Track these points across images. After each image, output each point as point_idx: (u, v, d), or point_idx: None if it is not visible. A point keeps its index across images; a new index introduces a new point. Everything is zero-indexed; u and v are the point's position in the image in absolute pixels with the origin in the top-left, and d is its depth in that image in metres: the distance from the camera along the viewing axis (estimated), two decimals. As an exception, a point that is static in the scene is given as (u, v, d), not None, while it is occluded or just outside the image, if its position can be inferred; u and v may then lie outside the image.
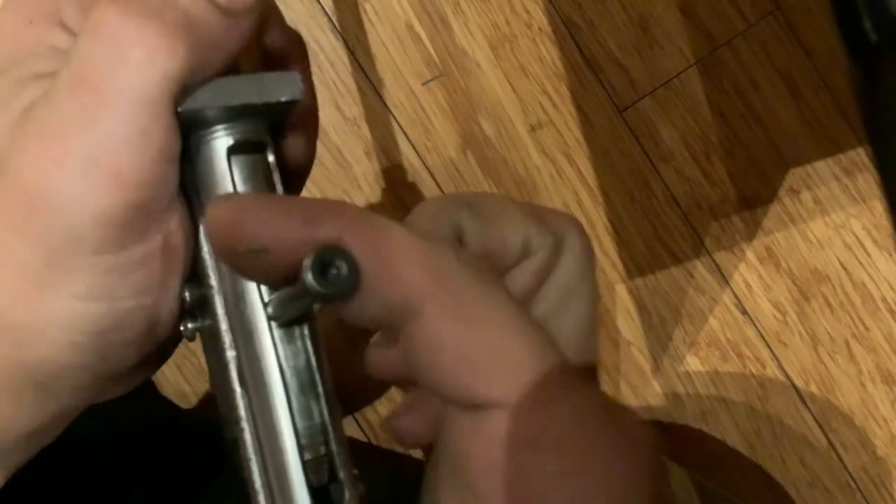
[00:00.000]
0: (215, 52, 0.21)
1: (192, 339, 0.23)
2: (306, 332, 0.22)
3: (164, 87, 0.20)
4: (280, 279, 0.20)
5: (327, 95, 0.91)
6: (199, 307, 0.22)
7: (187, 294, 0.22)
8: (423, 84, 0.92)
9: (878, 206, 0.96)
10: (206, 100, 0.21)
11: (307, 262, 0.18)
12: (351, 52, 0.91)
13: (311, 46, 0.90)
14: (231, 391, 0.21)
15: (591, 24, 0.94)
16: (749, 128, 0.96)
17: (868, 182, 0.96)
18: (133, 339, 0.22)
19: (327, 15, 0.91)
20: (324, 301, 0.19)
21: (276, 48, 0.24)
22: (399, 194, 0.92)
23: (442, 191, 0.92)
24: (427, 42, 0.92)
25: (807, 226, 0.96)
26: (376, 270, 0.19)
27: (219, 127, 0.22)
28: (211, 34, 0.21)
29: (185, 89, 0.21)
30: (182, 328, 0.22)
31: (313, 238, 0.19)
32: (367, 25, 0.92)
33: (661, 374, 0.94)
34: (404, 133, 0.92)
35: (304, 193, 0.27)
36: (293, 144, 0.24)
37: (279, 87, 0.22)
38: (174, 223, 0.21)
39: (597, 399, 0.21)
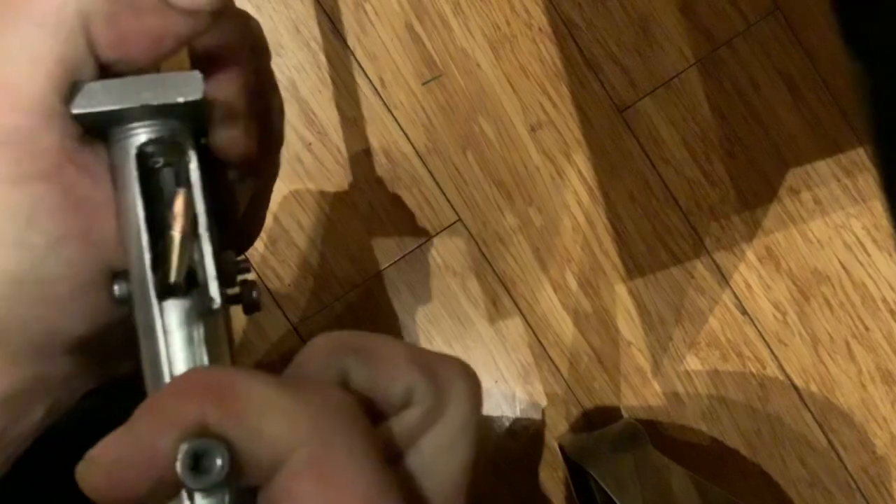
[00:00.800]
0: (141, 42, 0.21)
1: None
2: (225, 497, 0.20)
3: (72, 7, 0.20)
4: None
5: (327, 95, 0.91)
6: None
7: (116, 288, 0.22)
8: (423, 84, 0.92)
9: (878, 206, 0.96)
10: (100, 100, 0.21)
11: (177, 464, 0.17)
12: (351, 52, 0.91)
13: (311, 46, 0.90)
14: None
15: (591, 24, 0.94)
16: (749, 128, 0.96)
17: (868, 182, 0.96)
18: (65, 298, 0.21)
19: (327, 15, 0.91)
20: (205, 492, 0.18)
21: (210, 47, 0.23)
22: (399, 194, 0.92)
23: (442, 191, 0.92)
24: (427, 42, 0.92)
25: (807, 226, 0.96)
26: (242, 435, 0.18)
27: (130, 126, 0.22)
28: (141, 15, 0.21)
29: (81, 90, 0.21)
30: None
31: (181, 433, 0.17)
32: (367, 25, 0.92)
33: (661, 374, 0.94)
34: (404, 133, 0.92)
35: (305, 196, 0.27)
36: (222, 142, 0.24)
37: (179, 88, 0.21)
38: (76, 171, 0.21)
39: None
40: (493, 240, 0.92)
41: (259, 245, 0.89)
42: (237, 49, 0.24)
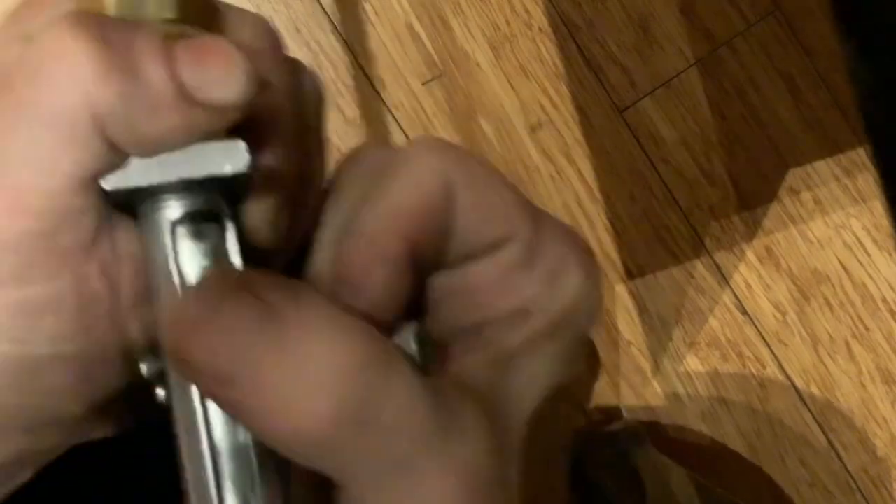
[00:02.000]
0: (164, 140, 0.19)
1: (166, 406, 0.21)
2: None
3: (83, 110, 0.19)
4: None
5: (327, 95, 0.91)
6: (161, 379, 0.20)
7: (144, 367, 0.20)
8: (423, 84, 0.92)
9: (878, 206, 0.96)
10: (133, 175, 0.19)
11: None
12: (351, 52, 0.91)
13: (311, 46, 0.90)
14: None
15: (591, 24, 0.94)
16: (749, 128, 0.96)
17: (868, 182, 0.96)
18: (63, 387, 0.20)
19: (327, 15, 0.91)
20: None
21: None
22: (399, 194, 0.92)
23: (442, 191, 0.92)
24: (427, 42, 0.92)
25: (807, 226, 0.96)
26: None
27: (163, 197, 0.20)
28: (161, 115, 0.19)
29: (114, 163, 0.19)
30: (155, 393, 0.21)
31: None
32: (367, 25, 0.92)
33: (661, 374, 0.94)
34: (404, 133, 0.92)
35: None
36: (255, 215, 0.22)
37: (220, 159, 0.20)
38: (92, 268, 0.20)
39: None
40: (493, 240, 0.92)
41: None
42: (283, 110, 0.22)
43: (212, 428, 0.19)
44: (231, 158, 0.20)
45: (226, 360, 0.17)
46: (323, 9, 0.91)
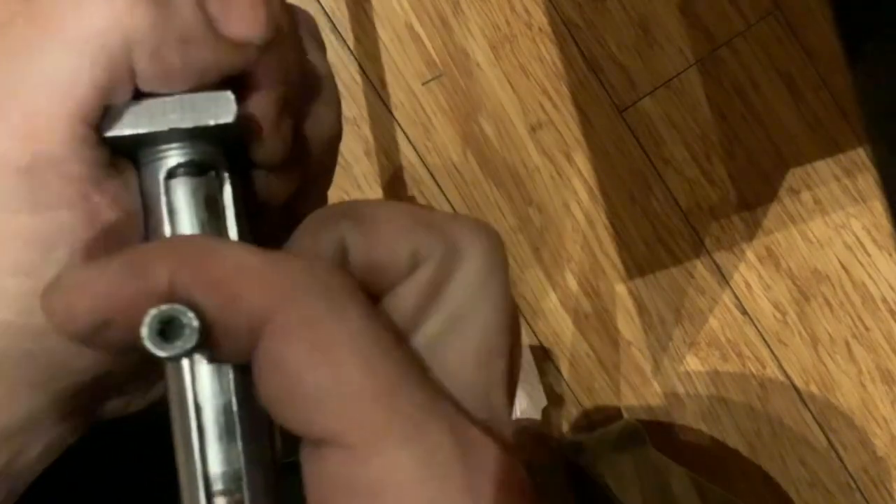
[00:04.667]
0: (185, 75, 0.20)
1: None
2: (230, 372, 0.20)
3: (115, 34, 0.19)
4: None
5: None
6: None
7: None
8: (423, 84, 0.92)
9: (878, 206, 0.96)
10: (128, 123, 0.20)
11: (143, 329, 0.17)
12: (351, 52, 0.91)
13: (311, 46, 0.91)
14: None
15: (591, 24, 0.94)
16: (749, 128, 0.96)
17: (868, 182, 0.96)
18: None
19: (327, 15, 0.91)
20: (172, 361, 0.18)
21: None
22: (399, 194, 0.92)
23: (442, 191, 0.92)
24: (427, 42, 0.92)
25: (807, 226, 0.96)
26: (216, 302, 0.17)
27: (158, 148, 0.21)
28: (189, 47, 0.19)
29: (108, 112, 0.20)
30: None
31: (148, 290, 0.17)
32: (367, 25, 0.92)
33: (661, 374, 0.94)
34: (404, 133, 0.92)
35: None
36: (258, 157, 0.22)
37: (210, 109, 0.20)
38: (102, 200, 0.20)
39: (454, 446, 0.18)
40: (493, 240, 0.92)
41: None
42: (276, 61, 0.22)
43: (197, 385, 0.19)
44: (219, 109, 0.20)
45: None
46: (323, 9, 0.91)
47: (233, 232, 0.21)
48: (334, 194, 0.91)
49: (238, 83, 0.21)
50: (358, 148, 0.91)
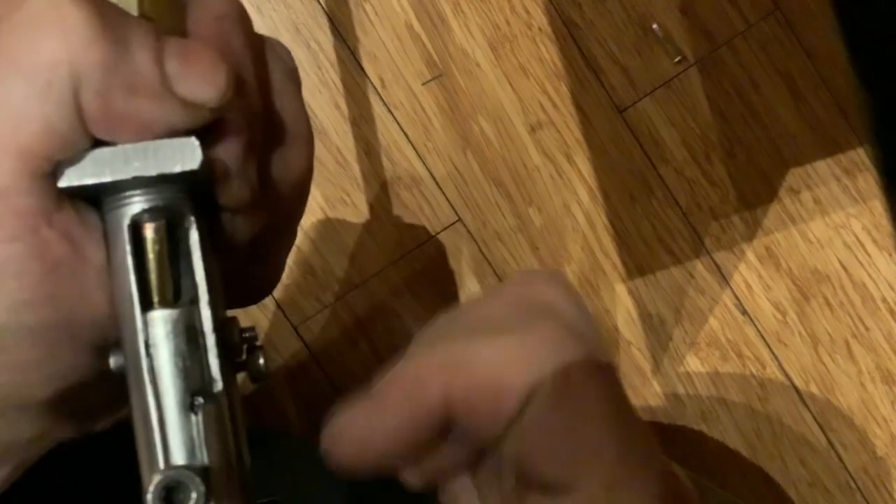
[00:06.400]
0: (129, 126, 0.19)
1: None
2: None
3: (63, 67, 0.19)
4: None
5: (327, 95, 0.91)
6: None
7: (112, 360, 0.20)
8: (423, 84, 0.92)
9: (878, 206, 0.96)
10: (88, 172, 0.19)
11: (148, 496, 0.17)
12: (351, 52, 0.91)
13: (311, 46, 0.90)
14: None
15: (591, 24, 0.94)
16: (749, 128, 0.96)
17: (868, 182, 0.96)
18: (28, 363, 0.20)
19: (327, 15, 0.91)
20: None
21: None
22: (399, 194, 0.92)
23: (442, 191, 0.92)
24: (427, 42, 0.92)
25: (807, 226, 0.96)
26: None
27: (123, 195, 0.20)
28: (137, 98, 0.19)
29: (68, 158, 0.19)
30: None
31: (426, 417, 0.19)
32: (367, 25, 0.92)
33: (661, 374, 0.94)
34: (404, 133, 0.92)
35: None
36: (223, 201, 0.22)
37: (174, 157, 0.20)
38: (52, 234, 0.20)
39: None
40: (493, 240, 0.92)
41: (259, 245, 0.89)
42: (240, 109, 0.21)
43: (158, 382, 0.19)
44: (184, 156, 0.20)
45: None
46: (323, 9, 0.91)
47: (199, 274, 0.20)
48: (334, 194, 0.91)
49: (202, 128, 0.21)
50: (358, 148, 0.91)
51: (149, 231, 0.20)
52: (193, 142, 0.20)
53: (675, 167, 0.95)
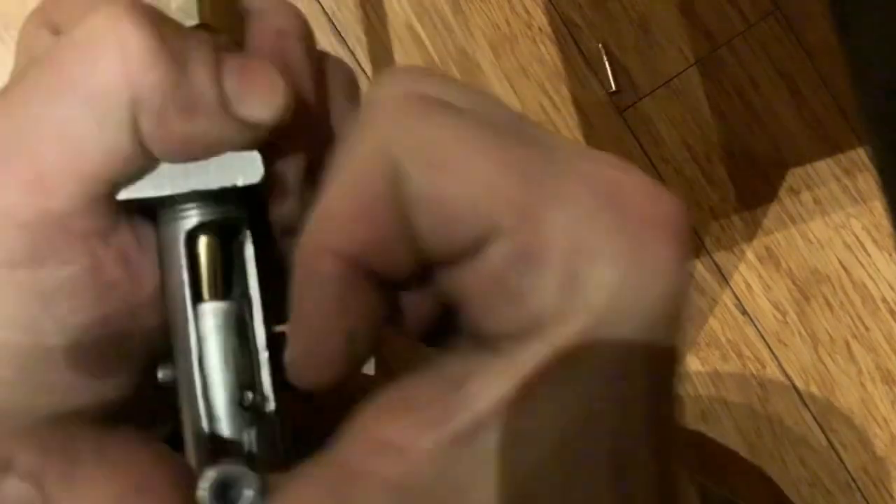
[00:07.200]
0: (189, 147, 0.19)
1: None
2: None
3: (124, 90, 0.18)
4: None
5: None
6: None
7: (161, 373, 0.20)
8: (423, 84, 0.92)
9: (878, 206, 0.96)
10: (148, 185, 0.19)
11: (200, 491, 0.16)
12: (351, 52, 0.91)
13: (311, 46, 0.91)
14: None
15: (591, 24, 0.94)
16: (749, 128, 0.96)
17: (868, 182, 0.96)
18: (75, 384, 0.20)
19: (327, 15, 0.91)
20: None
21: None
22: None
23: (442, 191, 0.92)
24: (427, 42, 0.92)
25: (807, 226, 0.96)
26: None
27: (179, 207, 0.20)
28: (195, 118, 0.19)
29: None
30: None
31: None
32: (367, 26, 0.92)
33: (661, 374, 0.94)
34: (404, 133, 0.92)
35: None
36: (278, 218, 0.21)
37: (235, 171, 0.19)
38: (108, 256, 0.19)
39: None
40: (493, 240, 0.92)
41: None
42: (299, 129, 0.21)
43: (210, 392, 0.19)
44: (245, 170, 0.19)
45: None
46: (323, 9, 0.91)
47: (255, 291, 0.20)
48: (334, 194, 0.91)
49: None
50: (358, 148, 0.91)
51: (203, 243, 0.20)
52: (255, 156, 0.20)
53: (675, 167, 0.95)
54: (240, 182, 0.19)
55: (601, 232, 0.16)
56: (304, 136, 0.21)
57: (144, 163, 0.19)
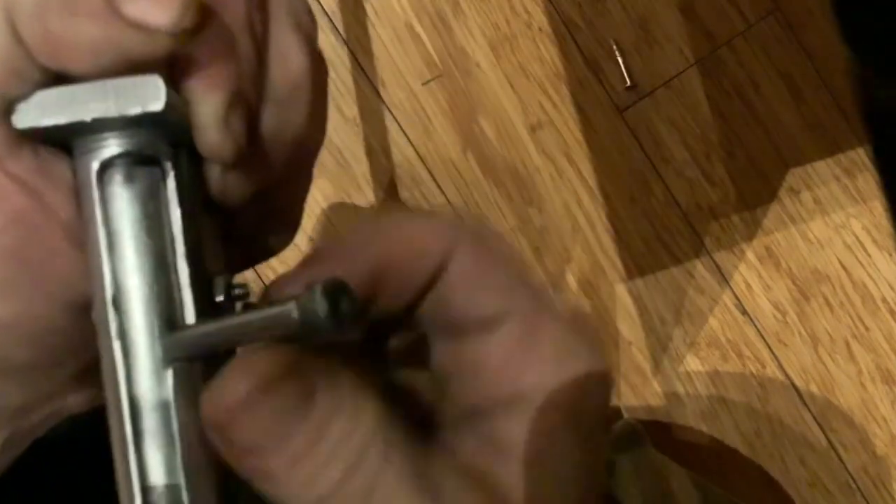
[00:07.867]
0: (75, 52, 0.17)
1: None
2: (168, 375, 0.19)
3: None
4: None
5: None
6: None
7: (93, 317, 0.19)
8: (423, 84, 0.92)
9: (878, 206, 0.96)
10: (45, 113, 0.18)
11: (316, 297, 0.16)
12: (351, 52, 0.91)
13: (311, 46, 0.90)
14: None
15: (591, 24, 0.94)
16: (749, 128, 0.96)
17: (868, 182, 0.96)
18: (1, 324, 0.19)
19: (327, 15, 0.91)
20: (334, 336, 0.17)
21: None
22: (399, 194, 0.92)
23: (442, 191, 0.92)
24: (427, 42, 0.92)
25: (807, 226, 0.96)
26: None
27: (94, 137, 0.19)
28: (77, 18, 0.17)
29: (31, 97, 0.18)
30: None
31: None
32: (367, 25, 0.92)
33: (661, 374, 0.94)
34: (404, 133, 0.92)
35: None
36: (203, 149, 0.20)
37: (138, 96, 0.18)
38: (7, 181, 0.18)
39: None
40: (493, 240, 0.92)
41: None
42: (220, 49, 0.19)
43: (133, 384, 0.18)
44: (146, 96, 0.18)
45: (264, 437, 0.17)
46: (323, 9, 0.91)
47: (176, 227, 0.19)
48: (334, 194, 0.91)
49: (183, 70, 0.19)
50: (358, 148, 0.91)
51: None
52: (157, 80, 0.18)
53: (675, 167, 0.95)
54: (139, 109, 0.18)
55: (575, 336, 0.21)
56: (228, 59, 0.19)
57: (36, 76, 0.18)
